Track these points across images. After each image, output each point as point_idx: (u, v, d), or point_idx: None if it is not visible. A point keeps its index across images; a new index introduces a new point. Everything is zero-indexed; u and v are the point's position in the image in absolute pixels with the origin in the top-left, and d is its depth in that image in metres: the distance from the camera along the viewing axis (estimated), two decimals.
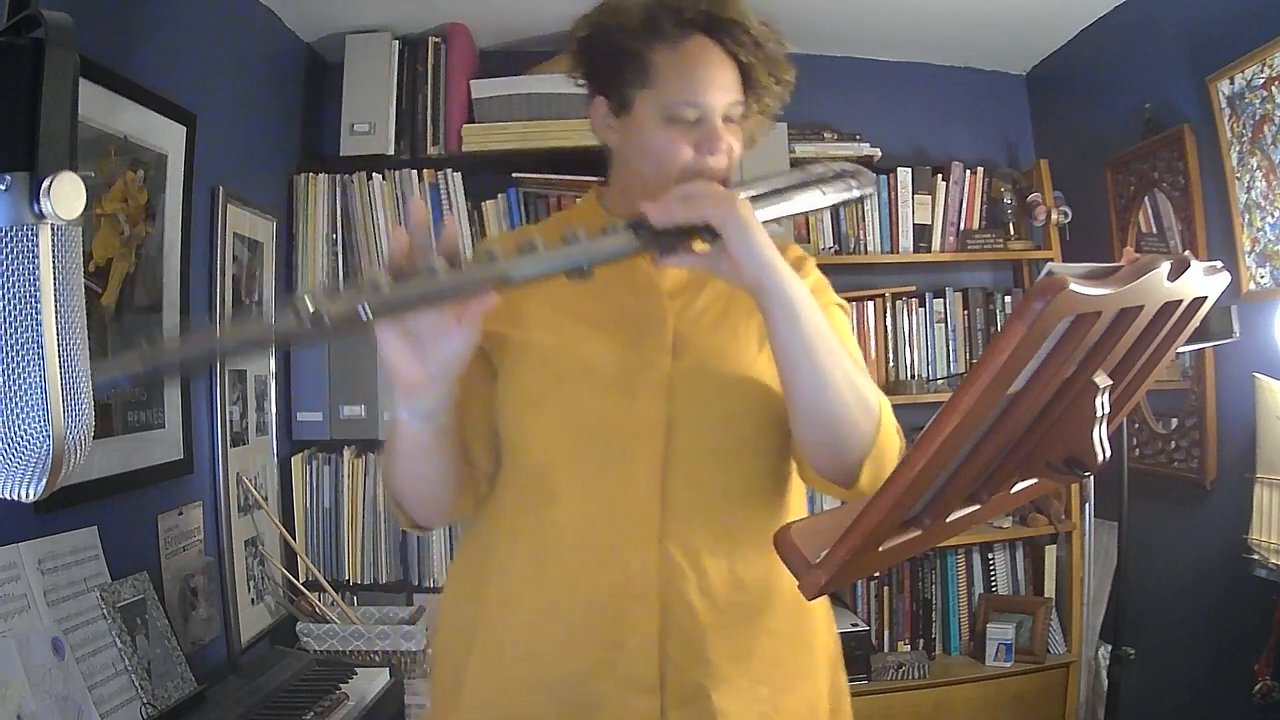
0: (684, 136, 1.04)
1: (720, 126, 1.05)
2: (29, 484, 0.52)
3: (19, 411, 0.50)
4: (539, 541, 1.05)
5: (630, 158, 1.10)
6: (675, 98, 1.03)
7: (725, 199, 0.92)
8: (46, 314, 0.50)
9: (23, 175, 0.50)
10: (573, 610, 1.03)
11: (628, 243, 0.89)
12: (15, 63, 0.51)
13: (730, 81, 1.06)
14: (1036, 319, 0.63)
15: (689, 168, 1.04)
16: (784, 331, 0.94)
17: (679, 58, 1.05)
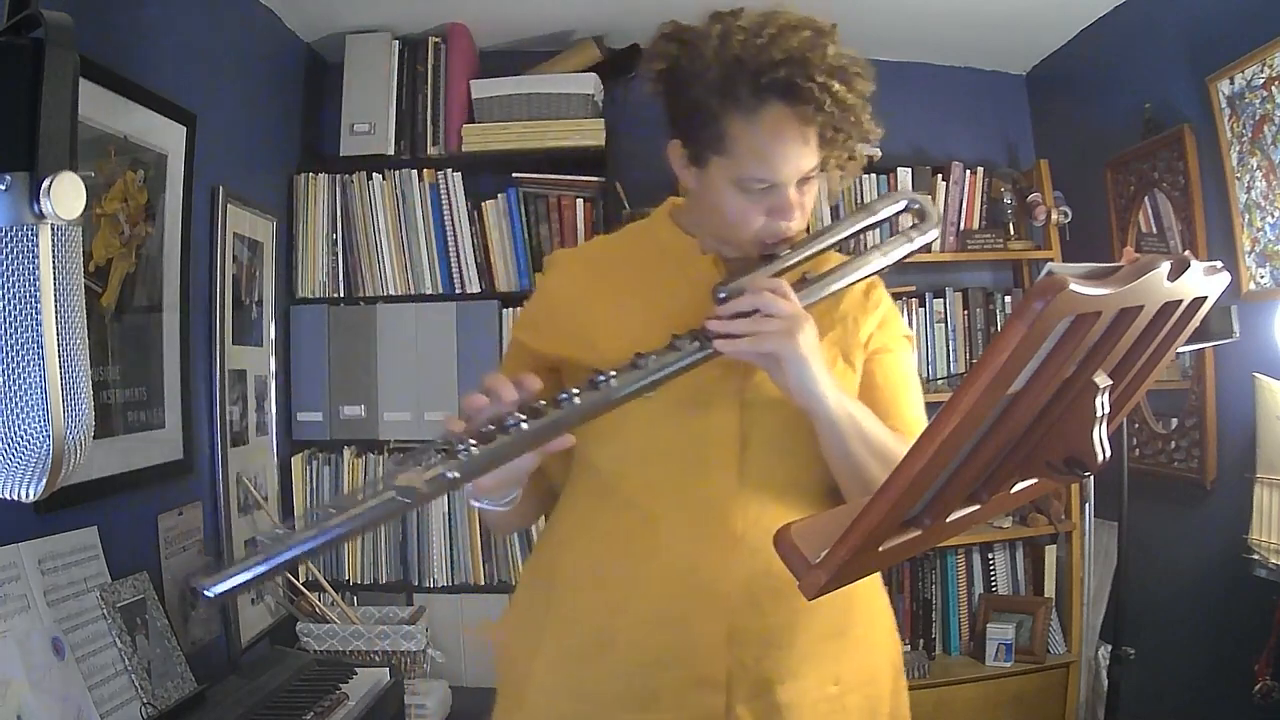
0: (756, 205, 1.06)
1: (792, 196, 1.06)
2: (29, 484, 0.52)
3: (19, 411, 0.50)
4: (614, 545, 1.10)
5: (702, 210, 1.13)
6: (748, 174, 1.04)
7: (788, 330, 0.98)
8: (46, 314, 0.50)
9: (23, 175, 0.50)
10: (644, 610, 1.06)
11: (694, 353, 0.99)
12: (15, 63, 0.51)
13: (805, 151, 1.05)
14: (1036, 319, 0.63)
15: (761, 231, 1.07)
16: (826, 438, 1.03)
17: (753, 131, 1.02)
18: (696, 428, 1.07)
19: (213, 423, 2.13)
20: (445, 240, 2.62)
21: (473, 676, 2.55)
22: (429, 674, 2.34)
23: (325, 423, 2.60)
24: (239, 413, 2.25)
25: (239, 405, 2.25)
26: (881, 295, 1.21)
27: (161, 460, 1.89)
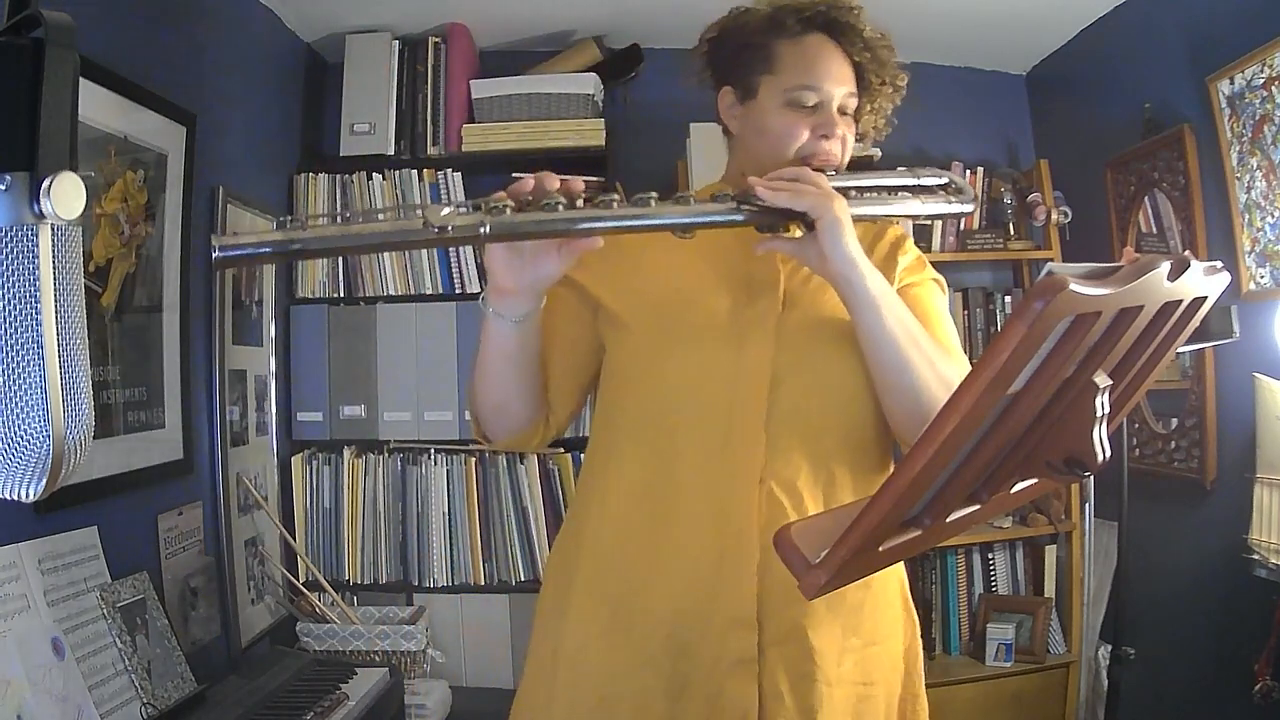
0: (803, 120, 1.13)
1: (836, 115, 1.14)
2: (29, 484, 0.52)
3: (19, 411, 0.50)
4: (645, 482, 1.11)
5: (751, 142, 1.18)
6: (796, 82, 1.13)
7: (827, 194, 1.01)
8: (46, 314, 0.50)
9: (23, 175, 0.50)
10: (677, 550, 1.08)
11: (730, 212, 0.98)
12: (15, 63, 0.51)
13: (845, 75, 1.16)
14: (1036, 319, 0.63)
15: (805, 148, 1.12)
16: (866, 322, 1.03)
17: (800, 49, 1.15)
18: (732, 368, 1.09)
19: (213, 423, 2.13)
20: None
21: (473, 676, 2.55)
22: (429, 674, 2.34)
23: (325, 423, 2.60)
24: (239, 413, 2.25)
25: (239, 405, 2.25)
26: (911, 246, 1.25)
27: (161, 460, 1.89)
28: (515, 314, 1.02)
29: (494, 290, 1.00)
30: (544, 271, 0.97)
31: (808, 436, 1.09)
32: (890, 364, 1.04)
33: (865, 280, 1.02)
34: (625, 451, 1.14)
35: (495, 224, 0.84)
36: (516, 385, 1.11)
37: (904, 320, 1.04)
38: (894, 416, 1.09)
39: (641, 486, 1.11)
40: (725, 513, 1.07)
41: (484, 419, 1.16)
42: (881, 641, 1.13)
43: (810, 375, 1.10)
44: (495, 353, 1.07)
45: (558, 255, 0.96)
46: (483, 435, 1.18)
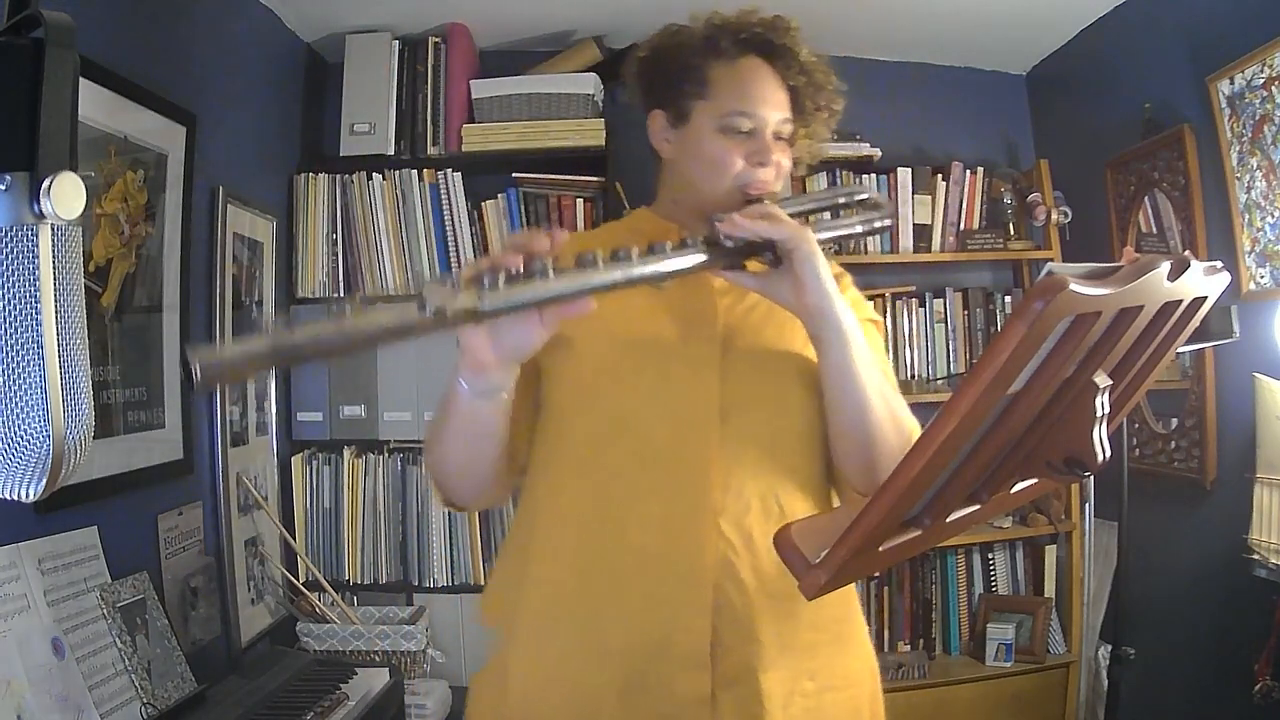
0: (737, 147, 1.10)
1: (771, 141, 1.11)
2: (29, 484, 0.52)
3: (19, 411, 0.50)
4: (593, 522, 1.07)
5: (684, 168, 1.15)
6: (730, 108, 1.10)
7: (799, 227, 0.99)
8: (46, 314, 0.50)
9: (23, 175, 0.50)
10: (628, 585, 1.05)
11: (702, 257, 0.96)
12: (15, 63, 0.50)
13: (780, 100, 1.13)
14: (1036, 319, 0.63)
15: (740, 177, 1.09)
16: (835, 356, 1.01)
17: (735, 72, 1.12)
18: (677, 399, 1.06)
19: (213, 423, 2.13)
20: (445, 240, 2.62)
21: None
22: (429, 674, 2.34)
23: (325, 423, 2.60)
24: (239, 413, 2.25)
25: (239, 405, 2.25)
26: (849, 283, 1.21)
27: (161, 460, 1.89)
28: (492, 388, 0.95)
29: (469, 366, 0.92)
30: (526, 341, 0.91)
31: (757, 472, 1.06)
32: (852, 402, 1.02)
33: (839, 315, 1.00)
34: (569, 484, 1.09)
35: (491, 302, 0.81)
36: (488, 460, 1.04)
37: (868, 358, 1.03)
38: (845, 454, 1.07)
39: (589, 522, 1.07)
40: (675, 550, 1.03)
41: (451, 490, 1.10)
42: (839, 689, 1.10)
43: (758, 410, 1.07)
44: (469, 431, 1.00)
45: (539, 322, 0.90)
46: (450, 504, 1.12)
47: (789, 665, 1.05)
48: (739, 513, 1.04)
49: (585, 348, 1.09)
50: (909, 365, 2.81)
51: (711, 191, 1.09)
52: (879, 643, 2.75)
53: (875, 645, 2.67)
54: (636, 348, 1.09)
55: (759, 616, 1.03)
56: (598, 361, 1.08)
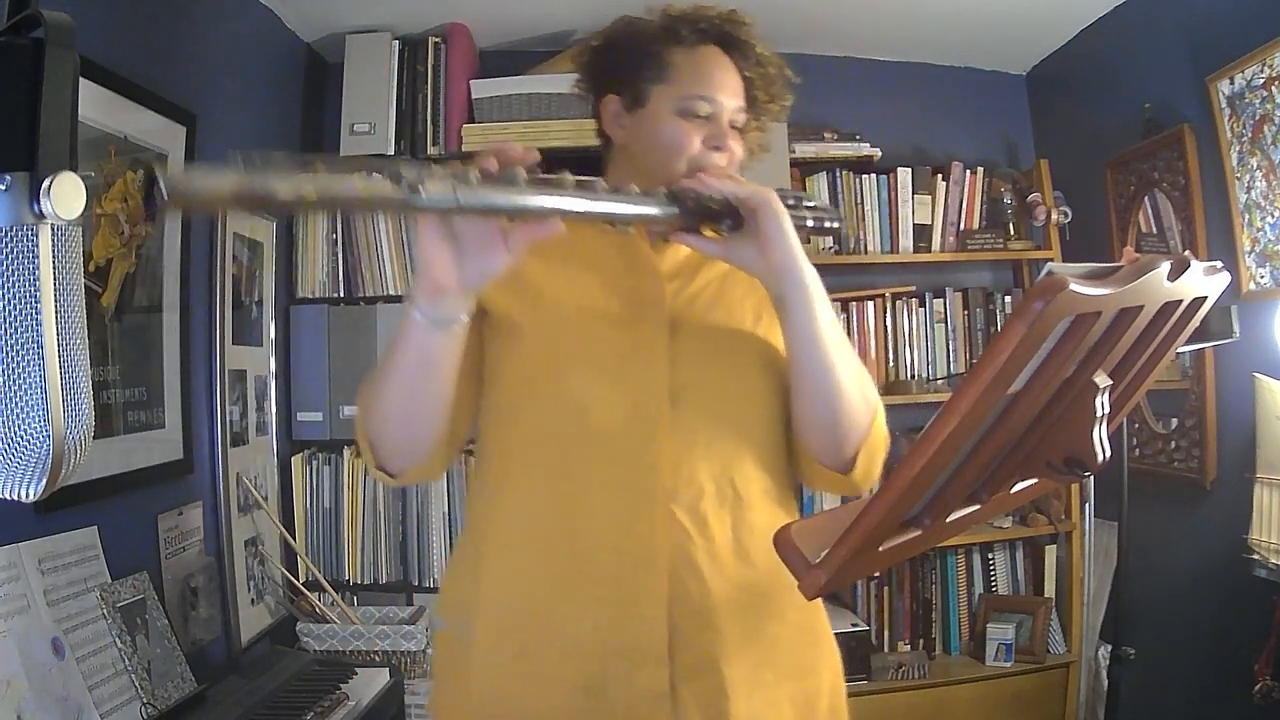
0: (695, 130, 1.10)
1: (728, 126, 1.12)
2: (29, 484, 0.52)
3: (19, 411, 0.50)
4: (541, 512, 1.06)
5: (638, 151, 1.15)
6: (690, 91, 1.11)
7: (761, 187, 1.00)
8: (46, 314, 0.50)
9: (23, 175, 0.50)
10: (583, 578, 1.03)
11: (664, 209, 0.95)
12: (15, 63, 0.51)
13: (737, 88, 1.14)
14: (1036, 319, 0.63)
15: (696, 159, 1.09)
16: (801, 317, 1.00)
17: (695, 58, 1.13)
18: (627, 385, 1.04)
19: (213, 423, 2.13)
20: None
21: None
22: (429, 674, 2.34)
23: (325, 423, 2.60)
24: (239, 413, 2.25)
25: (239, 405, 2.25)
26: None
27: (161, 460, 1.89)
28: (449, 316, 0.91)
29: (427, 288, 0.89)
30: (490, 265, 0.86)
31: (709, 456, 1.05)
32: (818, 368, 1.01)
33: (804, 272, 0.99)
34: (519, 478, 1.07)
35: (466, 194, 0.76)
36: (433, 405, 0.99)
37: (834, 321, 1.02)
38: (807, 423, 1.05)
39: (541, 513, 1.05)
40: (631, 540, 1.02)
41: (390, 449, 1.03)
42: (798, 679, 1.08)
43: (708, 393, 1.06)
44: (414, 364, 0.95)
45: (504, 246, 0.86)
46: (382, 469, 1.05)
47: (751, 655, 1.04)
48: (692, 499, 1.03)
49: (531, 333, 1.08)
50: (909, 365, 2.80)
51: (664, 174, 1.07)
52: (879, 643, 2.75)
53: (875, 645, 2.70)
54: (583, 333, 1.07)
55: (718, 605, 1.02)
56: (544, 347, 1.07)
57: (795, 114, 2.96)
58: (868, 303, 2.77)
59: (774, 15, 1.17)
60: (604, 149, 1.21)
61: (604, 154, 1.21)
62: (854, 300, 2.76)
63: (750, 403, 1.09)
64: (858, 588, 2.78)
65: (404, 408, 0.99)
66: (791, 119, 2.67)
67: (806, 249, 1.03)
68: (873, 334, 2.77)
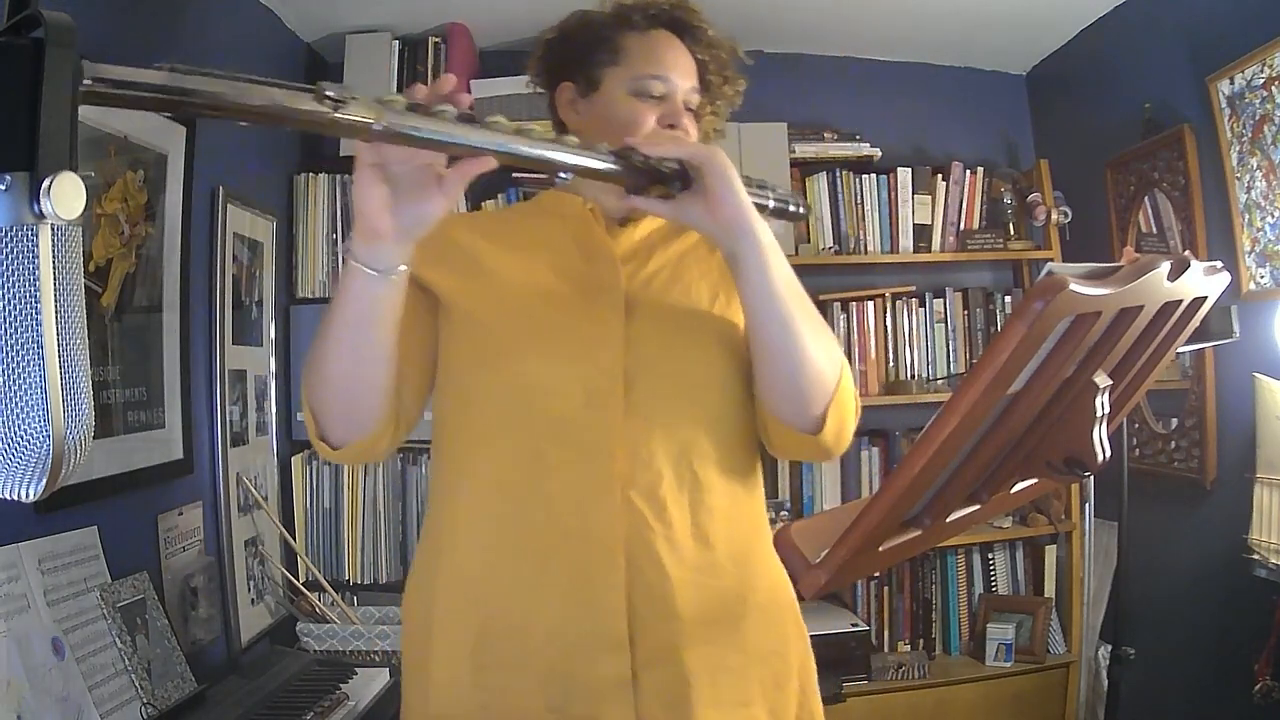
0: (650, 109, 1.10)
1: (681, 106, 1.12)
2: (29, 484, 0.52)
3: (19, 411, 0.50)
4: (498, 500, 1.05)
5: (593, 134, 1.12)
6: (643, 71, 1.11)
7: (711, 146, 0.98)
8: (46, 314, 0.50)
9: (23, 175, 0.50)
10: (540, 567, 1.02)
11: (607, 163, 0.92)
12: (15, 63, 0.50)
13: (690, 69, 1.15)
14: (1036, 319, 0.63)
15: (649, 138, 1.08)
16: (756, 272, 0.97)
17: (647, 41, 1.14)
18: (581, 369, 1.04)
19: (213, 423, 2.13)
20: None
21: None
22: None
23: None
24: (239, 413, 2.25)
25: (239, 405, 2.25)
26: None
27: (161, 460, 1.89)
28: (387, 264, 0.89)
29: (364, 233, 0.87)
30: (425, 208, 0.86)
31: (666, 440, 1.04)
32: (777, 323, 0.98)
33: (756, 228, 0.96)
34: (478, 466, 1.06)
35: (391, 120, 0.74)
36: (373, 364, 0.96)
37: (791, 276, 0.99)
38: (771, 385, 1.03)
39: (497, 501, 1.05)
40: (587, 527, 1.01)
41: (330, 413, 1.01)
42: (765, 659, 1.07)
43: (664, 375, 1.05)
44: (355, 317, 0.93)
45: (439, 189, 0.85)
46: (322, 439, 1.02)
47: (713, 640, 1.03)
48: (650, 484, 1.02)
49: (483, 316, 1.07)
50: (909, 365, 2.80)
51: None
52: (879, 643, 2.75)
53: (875, 645, 2.70)
54: (536, 317, 1.07)
55: (677, 591, 1.01)
56: (497, 331, 1.06)
57: (795, 114, 2.97)
58: (868, 303, 2.77)
59: (775, 15, 1.17)
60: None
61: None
62: (854, 300, 2.75)
63: (709, 383, 1.07)
64: (858, 588, 2.78)
65: (345, 367, 0.97)
66: (791, 119, 2.70)
67: (806, 249, 1.03)
68: (873, 334, 2.77)
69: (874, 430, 2.84)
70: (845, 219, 2.76)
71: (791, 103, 2.79)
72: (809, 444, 1.04)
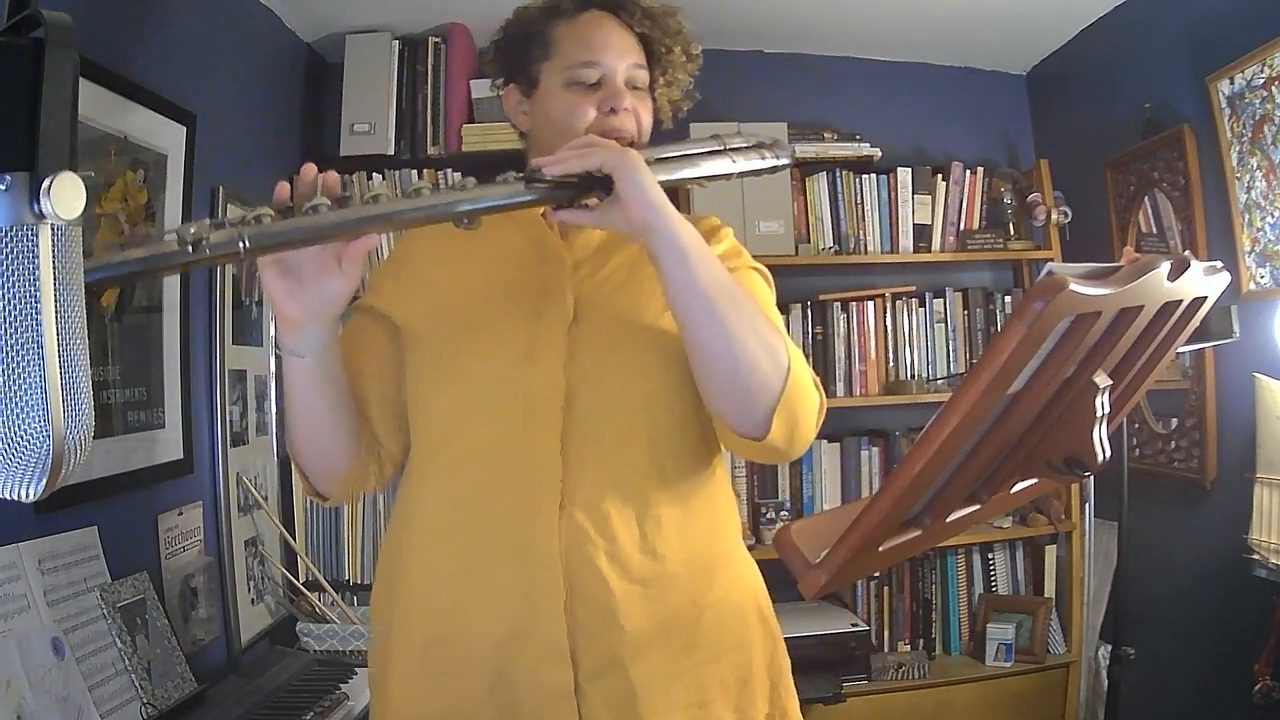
0: (587, 98, 1.09)
1: (621, 87, 1.09)
2: (29, 484, 0.52)
3: (19, 411, 0.50)
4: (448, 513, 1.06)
5: (541, 134, 1.14)
6: (574, 59, 1.09)
7: (617, 148, 0.96)
8: (46, 314, 0.50)
9: (23, 175, 0.50)
10: (487, 581, 1.03)
11: (516, 192, 0.91)
12: (15, 63, 0.50)
13: (628, 46, 1.11)
14: (1036, 319, 0.63)
15: (594, 128, 1.07)
16: (675, 273, 0.93)
17: (576, 28, 1.11)
18: (523, 384, 1.03)
19: (213, 423, 2.13)
20: None
21: None
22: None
23: None
24: (239, 413, 2.25)
25: (239, 405, 2.25)
26: (728, 236, 1.17)
27: (161, 460, 1.89)
28: (310, 347, 0.94)
29: (281, 324, 0.93)
30: (330, 291, 0.88)
31: (609, 453, 1.03)
32: (703, 323, 0.94)
33: (672, 226, 0.92)
34: (426, 480, 1.08)
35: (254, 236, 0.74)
36: (331, 428, 1.03)
37: (720, 277, 0.95)
38: (711, 386, 0.99)
39: (446, 515, 1.06)
40: (529, 541, 1.01)
41: (311, 474, 1.08)
42: (722, 657, 1.06)
43: (605, 386, 1.04)
44: (301, 395, 1.00)
45: (339, 269, 0.87)
46: (315, 494, 1.10)
47: (663, 647, 1.02)
48: (590, 498, 1.01)
49: (429, 334, 1.08)
50: (909, 365, 2.80)
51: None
52: (879, 643, 2.75)
53: (875, 645, 2.70)
54: (480, 332, 1.06)
55: (620, 604, 1.00)
56: (440, 348, 1.07)
57: (795, 114, 2.97)
58: (868, 303, 2.77)
59: (775, 15, 1.16)
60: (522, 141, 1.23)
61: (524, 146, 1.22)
62: (854, 300, 2.75)
63: (652, 395, 1.05)
64: (858, 588, 2.78)
65: (306, 431, 1.04)
66: (791, 119, 2.70)
67: (806, 249, 1.02)
68: (873, 334, 2.77)
69: (874, 430, 2.84)
70: (845, 219, 2.76)
71: (791, 103, 2.79)
72: (753, 447, 1.00)
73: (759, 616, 1.12)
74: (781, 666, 1.13)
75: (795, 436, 0.99)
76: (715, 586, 1.07)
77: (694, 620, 1.05)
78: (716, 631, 1.06)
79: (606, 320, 1.07)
